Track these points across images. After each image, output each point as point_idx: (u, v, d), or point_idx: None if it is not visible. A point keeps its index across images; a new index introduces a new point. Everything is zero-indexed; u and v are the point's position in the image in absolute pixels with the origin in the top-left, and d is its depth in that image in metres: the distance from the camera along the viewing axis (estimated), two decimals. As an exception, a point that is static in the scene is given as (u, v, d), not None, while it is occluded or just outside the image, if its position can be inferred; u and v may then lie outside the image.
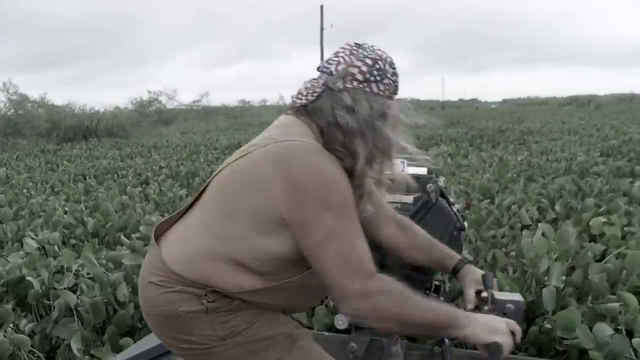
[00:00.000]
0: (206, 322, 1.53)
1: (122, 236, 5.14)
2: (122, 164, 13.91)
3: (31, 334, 3.26)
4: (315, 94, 1.56)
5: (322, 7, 17.81)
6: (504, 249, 4.03)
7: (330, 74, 1.57)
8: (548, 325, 2.81)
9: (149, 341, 2.55)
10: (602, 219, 4.64)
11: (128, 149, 18.62)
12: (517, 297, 1.77)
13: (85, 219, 6.34)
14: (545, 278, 3.10)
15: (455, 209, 2.35)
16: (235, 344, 1.55)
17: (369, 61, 1.56)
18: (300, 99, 1.59)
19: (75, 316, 3.24)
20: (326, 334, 2.53)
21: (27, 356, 2.91)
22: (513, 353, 2.76)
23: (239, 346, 1.55)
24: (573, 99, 57.95)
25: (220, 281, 1.53)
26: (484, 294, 1.82)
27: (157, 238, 1.68)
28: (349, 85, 1.53)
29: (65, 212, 7.09)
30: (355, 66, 1.55)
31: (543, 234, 3.61)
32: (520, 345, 1.59)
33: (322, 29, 33.14)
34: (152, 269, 1.59)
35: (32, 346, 3.05)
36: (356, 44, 1.60)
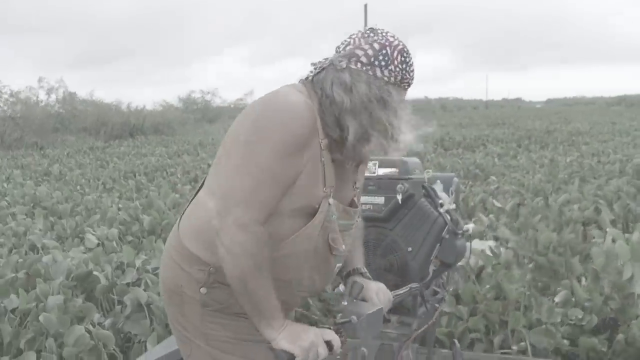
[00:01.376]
0: (198, 312, 1.58)
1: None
2: (170, 161, 14.13)
3: (102, 328, 3.32)
4: (320, 68, 1.59)
5: (365, 6, 17.66)
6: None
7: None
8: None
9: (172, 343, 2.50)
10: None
11: (174, 147, 18.91)
12: (371, 308, 1.66)
13: (140, 216, 6.47)
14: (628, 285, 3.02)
15: (443, 211, 2.27)
16: (206, 350, 1.59)
17: (376, 45, 1.56)
18: (311, 72, 1.62)
19: (146, 312, 3.31)
20: None
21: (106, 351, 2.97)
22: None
23: (207, 355, 1.59)
24: (622, 99, 55.79)
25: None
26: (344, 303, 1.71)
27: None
28: (352, 66, 1.54)
29: (119, 209, 7.24)
30: (362, 49, 1.55)
31: (614, 240, 3.49)
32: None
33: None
34: (171, 243, 1.66)
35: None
36: (370, 28, 1.60)
